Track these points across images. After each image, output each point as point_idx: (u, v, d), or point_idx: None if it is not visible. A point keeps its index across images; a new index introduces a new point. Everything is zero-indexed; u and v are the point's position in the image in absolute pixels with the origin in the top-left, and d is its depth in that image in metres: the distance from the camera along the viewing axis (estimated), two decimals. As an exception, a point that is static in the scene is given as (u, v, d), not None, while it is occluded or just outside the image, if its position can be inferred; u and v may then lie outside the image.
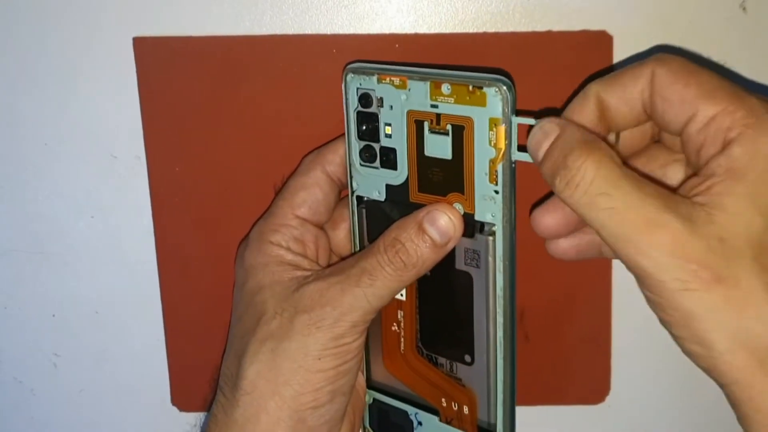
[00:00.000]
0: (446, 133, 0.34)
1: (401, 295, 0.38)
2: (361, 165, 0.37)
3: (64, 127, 0.43)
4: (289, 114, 0.42)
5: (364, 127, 0.36)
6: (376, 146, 0.36)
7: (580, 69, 0.41)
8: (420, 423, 0.39)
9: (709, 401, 0.46)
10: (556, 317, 0.44)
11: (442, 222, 0.34)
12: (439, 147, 0.34)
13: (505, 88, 0.32)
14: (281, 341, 0.35)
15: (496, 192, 0.34)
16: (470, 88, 0.33)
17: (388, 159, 0.36)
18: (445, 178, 0.35)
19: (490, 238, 0.34)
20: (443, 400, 0.38)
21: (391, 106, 0.35)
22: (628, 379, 0.45)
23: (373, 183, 0.37)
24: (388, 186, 0.36)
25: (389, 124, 0.35)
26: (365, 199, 0.37)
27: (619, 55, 0.41)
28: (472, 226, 0.35)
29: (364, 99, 0.36)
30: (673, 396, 0.46)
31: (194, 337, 0.45)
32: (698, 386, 0.46)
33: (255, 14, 0.41)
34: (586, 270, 0.43)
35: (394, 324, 0.38)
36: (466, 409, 0.37)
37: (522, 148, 0.33)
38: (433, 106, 0.34)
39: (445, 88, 0.33)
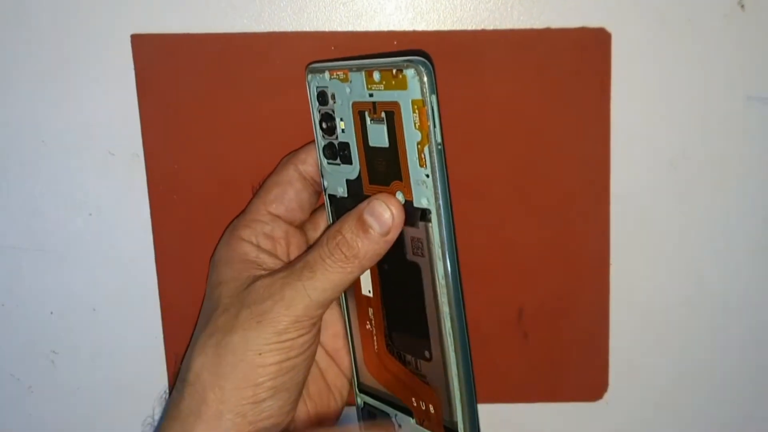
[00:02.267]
0: (382, 121, 0.34)
1: (369, 291, 0.38)
2: (327, 163, 0.37)
3: (62, 124, 0.43)
4: (287, 111, 0.42)
5: (324, 125, 0.37)
6: (336, 142, 0.36)
7: (579, 66, 0.41)
8: (400, 425, 0.38)
9: (705, 398, 0.46)
10: (554, 315, 0.44)
11: (381, 211, 0.34)
12: (378, 136, 0.34)
13: (422, 68, 0.32)
14: (225, 335, 0.35)
15: (427, 176, 0.33)
16: (394, 72, 0.32)
17: (345, 154, 0.36)
18: (388, 167, 0.35)
19: (429, 224, 0.34)
20: (413, 399, 0.37)
21: (341, 101, 0.35)
22: (626, 377, 0.45)
23: (337, 180, 0.37)
24: (347, 181, 0.37)
25: (342, 119, 0.36)
26: (335, 197, 0.38)
27: (617, 52, 0.41)
28: (413, 215, 0.34)
29: (321, 97, 0.36)
30: (671, 393, 0.46)
31: (192, 335, 0.45)
32: (695, 383, 0.46)
33: (253, 11, 0.41)
34: (583, 268, 0.43)
35: (367, 322, 0.38)
36: (432, 408, 0.36)
37: None
38: (370, 95, 0.34)
39: (376, 75, 0.33)
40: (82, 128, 0.43)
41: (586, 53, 0.41)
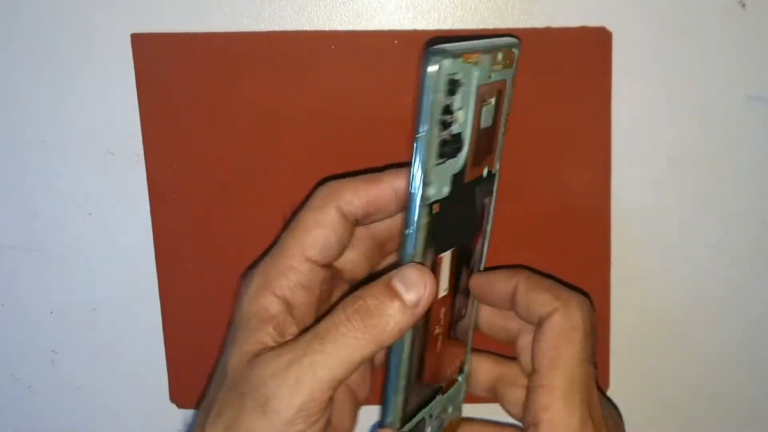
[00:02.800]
0: (490, 101, 0.34)
1: (445, 290, 0.35)
2: (436, 165, 0.32)
3: (62, 124, 0.43)
4: (287, 111, 0.42)
5: (445, 119, 0.31)
6: (448, 137, 0.32)
7: (580, 65, 0.41)
8: (431, 415, 0.37)
9: (706, 398, 0.46)
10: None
11: (415, 279, 0.31)
12: (488, 116, 0.34)
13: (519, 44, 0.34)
14: (232, 422, 0.31)
15: (503, 137, 0.36)
16: (511, 52, 0.34)
17: (454, 147, 0.33)
18: (486, 145, 0.35)
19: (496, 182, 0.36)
20: (449, 370, 0.37)
21: (467, 87, 0.32)
22: (627, 376, 0.45)
23: (441, 180, 0.32)
24: (453, 177, 0.33)
25: (462, 107, 0.32)
26: (433, 205, 0.32)
27: (618, 51, 0.41)
28: (491, 181, 0.36)
29: (452, 85, 0.31)
30: (672, 393, 0.46)
31: (192, 334, 0.45)
32: (696, 383, 0.46)
33: (253, 11, 0.41)
34: (585, 267, 0.43)
35: (437, 327, 0.35)
36: (458, 362, 0.38)
37: None
38: (489, 76, 0.33)
39: (500, 56, 0.33)
40: (82, 128, 0.43)
41: (586, 52, 0.41)
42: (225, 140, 0.42)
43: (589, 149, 0.42)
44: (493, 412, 0.40)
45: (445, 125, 0.31)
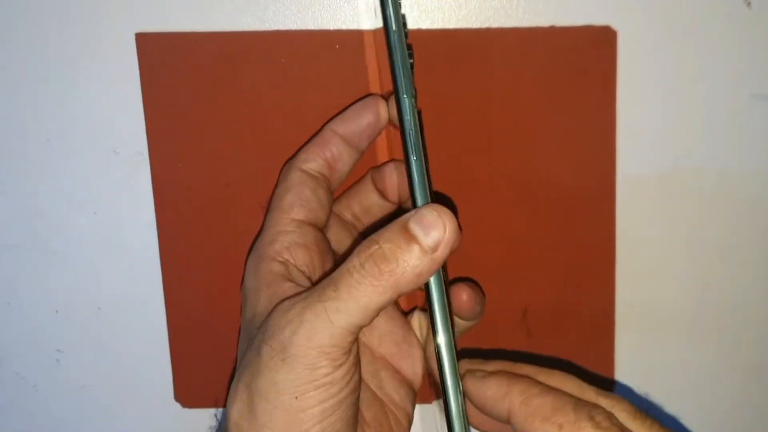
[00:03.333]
0: None
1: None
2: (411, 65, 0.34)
3: (67, 123, 0.43)
4: (292, 110, 0.42)
5: (406, 32, 0.35)
6: (407, 43, 0.35)
7: (585, 64, 0.41)
8: None
9: (711, 399, 0.46)
10: (559, 315, 0.44)
11: (432, 221, 0.29)
12: None
13: None
14: (253, 377, 0.30)
15: None
16: None
17: (410, 58, 0.35)
18: None
19: None
20: None
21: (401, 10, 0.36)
22: (632, 379, 0.45)
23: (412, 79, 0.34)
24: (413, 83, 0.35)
25: (405, 25, 0.35)
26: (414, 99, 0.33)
27: (623, 50, 0.41)
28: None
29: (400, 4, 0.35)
30: (676, 395, 0.46)
31: (197, 333, 0.45)
32: (701, 383, 0.46)
33: (257, 10, 0.41)
34: (589, 267, 0.43)
35: None
36: None
37: None
38: None
39: None
40: (86, 127, 0.43)
41: (591, 51, 0.41)
42: (230, 139, 0.42)
43: (593, 148, 0.42)
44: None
45: (406, 35, 0.34)
